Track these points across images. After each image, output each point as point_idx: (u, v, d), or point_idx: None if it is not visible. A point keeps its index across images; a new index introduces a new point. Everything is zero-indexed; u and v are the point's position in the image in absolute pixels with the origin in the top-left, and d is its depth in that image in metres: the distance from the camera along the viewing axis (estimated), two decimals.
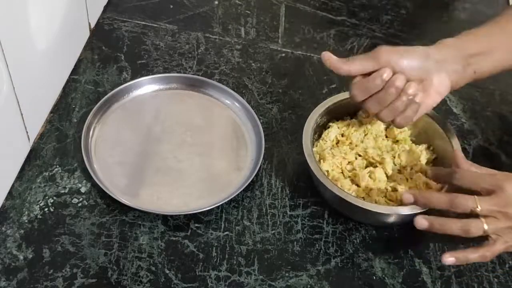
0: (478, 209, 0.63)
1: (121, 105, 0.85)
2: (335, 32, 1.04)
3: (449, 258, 0.65)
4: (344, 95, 0.80)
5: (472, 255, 0.65)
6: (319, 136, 0.81)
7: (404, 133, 0.82)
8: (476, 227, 0.63)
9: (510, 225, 0.63)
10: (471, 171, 0.69)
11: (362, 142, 0.80)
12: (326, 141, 0.80)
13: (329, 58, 0.70)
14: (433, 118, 0.80)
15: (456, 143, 0.77)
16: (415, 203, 0.68)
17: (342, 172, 0.78)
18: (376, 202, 0.74)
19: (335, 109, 0.81)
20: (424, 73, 0.70)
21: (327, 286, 0.71)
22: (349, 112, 0.82)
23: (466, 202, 0.63)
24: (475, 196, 0.64)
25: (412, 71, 0.69)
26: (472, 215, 0.64)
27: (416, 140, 0.82)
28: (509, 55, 0.75)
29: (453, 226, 0.64)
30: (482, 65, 0.73)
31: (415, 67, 0.69)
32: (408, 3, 1.13)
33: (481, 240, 0.65)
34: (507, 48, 0.74)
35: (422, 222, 0.66)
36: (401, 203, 0.74)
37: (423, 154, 0.79)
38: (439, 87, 0.71)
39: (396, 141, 0.82)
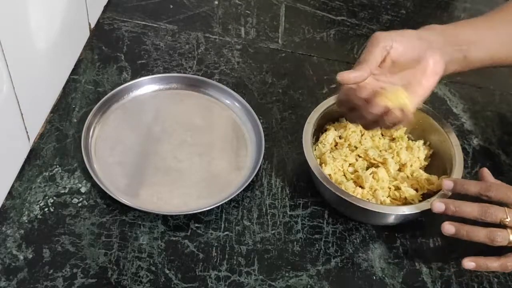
0: (508, 219, 0.65)
1: (121, 105, 0.85)
2: (335, 32, 1.05)
3: (469, 263, 0.67)
4: None
5: (493, 264, 0.67)
6: (317, 139, 0.81)
7: (400, 131, 0.82)
8: (502, 236, 0.65)
9: None
10: (503, 184, 0.70)
11: (360, 143, 0.80)
12: (325, 145, 0.80)
13: (345, 78, 0.69)
14: (426, 113, 0.80)
15: (453, 137, 0.78)
16: (445, 210, 0.68)
17: (344, 175, 0.78)
18: (381, 203, 0.74)
19: (331, 111, 0.80)
20: (420, 54, 0.70)
21: (327, 286, 0.71)
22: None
23: (497, 213, 0.65)
24: (506, 208, 0.66)
25: (409, 52, 0.70)
26: (500, 225, 0.66)
27: (412, 136, 0.82)
28: (500, 47, 0.75)
29: (480, 234, 0.66)
30: (472, 53, 0.73)
31: (410, 48, 0.70)
32: (408, 3, 1.13)
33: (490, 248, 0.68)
34: (498, 40, 0.75)
35: (449, 228, 0.67)
36: (405, 201, 0.75)
37: (421, 150, 0.79)
38: (435, 66, 0.71)
39: (392, 139, 0.82)
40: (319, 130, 0.81)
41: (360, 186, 0.76)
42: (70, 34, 0.88)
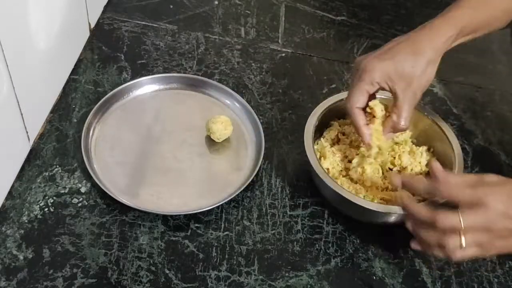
0: (462, 228, 0.59)
1: (121, 105, 0.85)
2: (335, 32, 1.05)
3: (416, 246, 0.64)
4: (344, 95, 0.80)
5: (439, 253, 0.62)
6: (320, 134, 0.81)
7: (405, 135, 0.82)
8: (454, 244, 0.60)
9: (489, 239, 0.60)
10: (451, 183, 0.63)
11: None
12: (327, 139, 0.80)
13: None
14: (433, 120, 0.80)
15: (456, 144, 0.78)
16: (401, 201, 0.67)
17: (342, 171, 0.78)
18: (372, 198, 0.74)
19: (337, 108, 0.81)
20: (411, 84, 0.71)
21: (327, 286, 0.71)
22: None
23: (451, 220, 0.60)
24: (460, 214, 0.60)
25: (400, 82, 0.71)
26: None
27: (417, 142, 0.82)
28: (499, 25, 0.76)
29: (432, 238, 0.62)
30: (471, 39, 0.75)
31: (401, 78, 0.70)
32: (408, 3, 1.13)
33: None
34: (501, 18, 0.76)
35: (408, 224, 0.65)
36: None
37: (423, 156, 0.79)
38: (430, 76, 0.72)
39: (396, 143, 0.82)
40: (324, 125, 0.81)
41: (356, 183, 0.76)
42: (70, 34, 0.88)
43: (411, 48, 0.71)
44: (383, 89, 0.72)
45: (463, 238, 0.60)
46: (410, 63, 0.70)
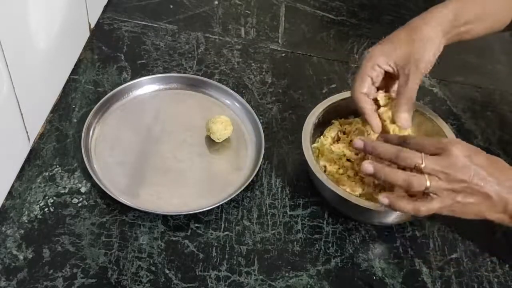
0: (423, 165, 0.63)
1: (121, 105, 0.85)
2: (335, 32, 1.05)
3: (384, 198, 0.65)
4: (346, 94, 0.80)
5: (406, 206, 0.64)
6: (321, 133, 0.81)
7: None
8: (419, 182, 0.63)
9: (451, 187, 0.63)
10: (420, 136, 0.70)
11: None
12: (327, 138, 0.80)
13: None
14: (435, 121, 0.80)
15: None
16: (364, 147, 0.68)
17: (339, 169, 0.78)
18: (369, 198, 0.74)
19: (338, 107, 0.81)
20: (411, 57, 0.72)
21: (327, 286, 0.71)
22: (354, 112, 0.82)
23: (412, 157, 0.64)
24: (422, 153, 0.64)
25: (402, 61, 0.72)
26: (417, 172, 0.64)
27: None
28: (497, 22, 0.77)
29: (397, 177, 0.64)
30: (470, 32, 0.75)
31: (403, 58, 0.72)
32: (408, 3, 1.13)
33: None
34: (497, 15, 0.76)
35: (367, 167, 0.66)
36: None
37: None
38: (428, 63, 0.72)
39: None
40: (326, 124, 0.82)
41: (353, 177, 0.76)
42: (70, 34, 0.88)
43: (407, 30, 0.73)
44: (388, 73, 0.73)
45: (427, 176, 0.63)
46: (407, 42, 0.72)
